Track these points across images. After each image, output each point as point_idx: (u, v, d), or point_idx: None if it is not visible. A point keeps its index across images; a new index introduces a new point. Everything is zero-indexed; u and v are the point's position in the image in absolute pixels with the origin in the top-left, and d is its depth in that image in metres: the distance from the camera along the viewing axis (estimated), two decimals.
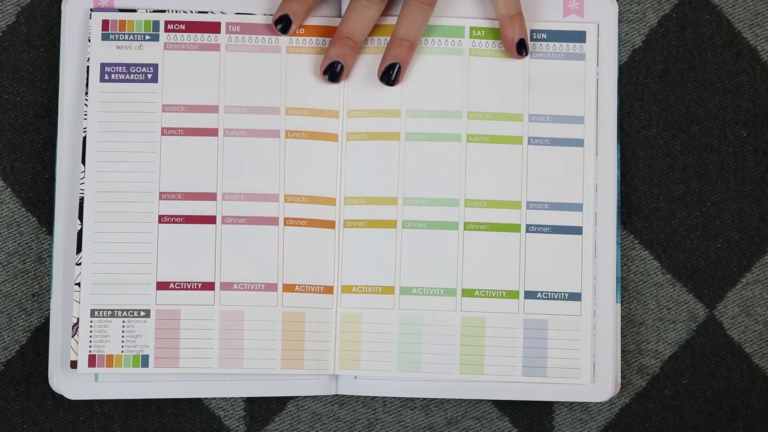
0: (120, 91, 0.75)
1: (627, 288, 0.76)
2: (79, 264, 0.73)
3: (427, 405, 0.77)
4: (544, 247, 0.74)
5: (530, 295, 0.74)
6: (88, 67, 0.75)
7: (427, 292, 0.74)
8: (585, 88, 0.74)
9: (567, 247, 0.74)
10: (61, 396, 0.75)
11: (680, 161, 0.76)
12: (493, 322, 0.74)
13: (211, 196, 0.74)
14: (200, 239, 0.74)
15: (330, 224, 0.75)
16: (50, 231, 0.77)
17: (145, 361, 0.73)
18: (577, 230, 0.74)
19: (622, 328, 0.76)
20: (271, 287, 0.74)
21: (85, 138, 0.74)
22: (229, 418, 0.77)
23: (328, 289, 0.74)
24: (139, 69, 0.75)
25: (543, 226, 0.74)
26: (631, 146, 0.76)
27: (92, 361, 0.73)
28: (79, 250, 0.74)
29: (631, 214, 0.76)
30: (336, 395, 0.76)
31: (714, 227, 0.76)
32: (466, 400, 0.76)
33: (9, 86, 0.78)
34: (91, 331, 0.73)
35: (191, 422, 0.77)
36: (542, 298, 0.74)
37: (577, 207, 0.74)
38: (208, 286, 0.73)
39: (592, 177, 0.74)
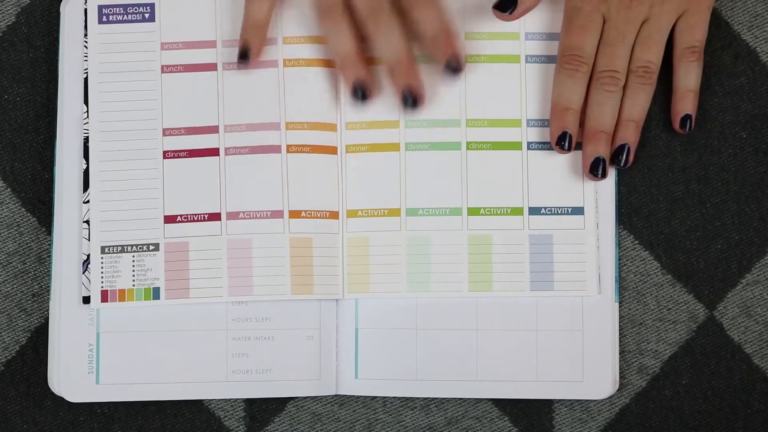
0: (118, 32, 0.75)
1: (627, 288, 0.76)
2: (87, 202, 0.74)
3: (427, 405, 0.77)
4: (546, 163, 0.75)
5: (534, 211, 0.74)
6: (85, 9, 0.75)
7: (433, 213, 0.75)
8: None
9: (569, 162, 0.75)
10: (62, 396, 0.75)
11: (680, 162, 0.76)
12: (500, 239, 0.74)
13: (213, 129, 0.75)
14: (205, 171, 0.74)
15: (332, 150, 0.75)
16: (50, 231, 0.77)
17: (156, 294, 0.74)
18: (578, 146, 0.74)
19: (622, 328, 0.76)
20: (277, 214, 0.74)
21: (86, 79, 0.75)
22: (229, 418, 0.77)
23: (334, 214, 0.75)
24: (136, 9, 0.75)
25: (545, 142, 0.75)
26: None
27: (105, 296, 0.74)
28: (86, 188, 0.74)
29: (631, 215, 0.76)
30: (336, 395, 0.76)
31: (714, 228, 0.76)
32: (466, 399, 0.76)
33: (9, 86, 0.77)
34: (102, 268, 0.74)
35: (191, 422, 0.77)
36: (546, 214, 0.74)
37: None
38: (215, 216, 0.74)
39: None
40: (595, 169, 0.74)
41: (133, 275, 0.74)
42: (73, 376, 0.74)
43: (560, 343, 0.74)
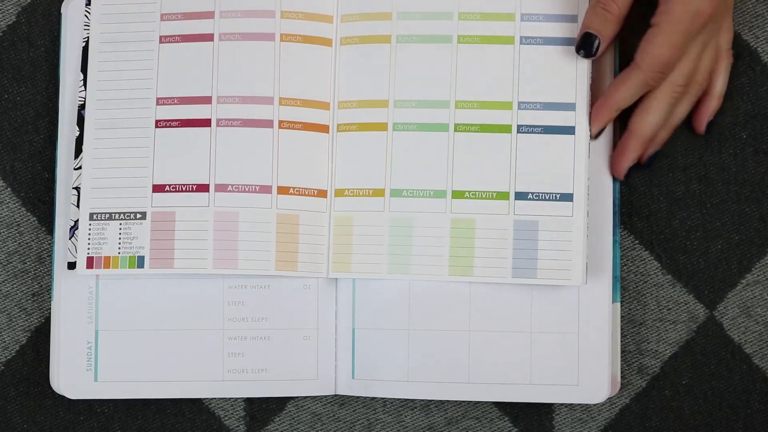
0: (121, 2, 0.75)
1: (627, 288, 0.76)
2: (78, 168, 0.74)
3: (427, 405, 0.77)
4: (536, 148, 0.73)
5: (521, 196, 0.73)
6: None
7: (417, 194, 0.74)
8: (577, 75, 0.74)
9: (559, 147, 0.73)
10: (61, 396, 0.75)
11: (680, 162, 0.76)
12: (483, 223, 0.73)
13: (206, 100, 0.74)
14: (195, 142, 0.74)
15: (324, 128, 0.75)
16: (50, 231, 0.77)
17: (140, 262, 0.73)
18: (569, 130, 0.73)
19: (622, 328, 0.76)
20: (265, 189, 0.74)
21: (85, 47, 0.75)
22: (229, 418, 0.77)
23: (322, 193, 0.75)
24: None
25: (535, 125, 0.73)
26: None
27: (90, 262, 0.74)
28: (77, 155, 0.75)
29: (631, 215, 0.76)
30: (336, 395, 0.76)
31: (714, 228, 0.76)
32: (465, 400, 0.76)
33: (9, 86, 0.77)
34: (89, 234, 0.74)
35: (191, 422, 0.77)
36: (533, 199, 0.73)
37: (570, 107, 0.73)
38: (203, 187, 0.74)
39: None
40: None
41: (119, 243, 0.74)
42: (72, 374, 0.74)
43: (555, 345, 0.74)
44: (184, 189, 0.74)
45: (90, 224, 0.74)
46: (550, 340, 0.74)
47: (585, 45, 0.72)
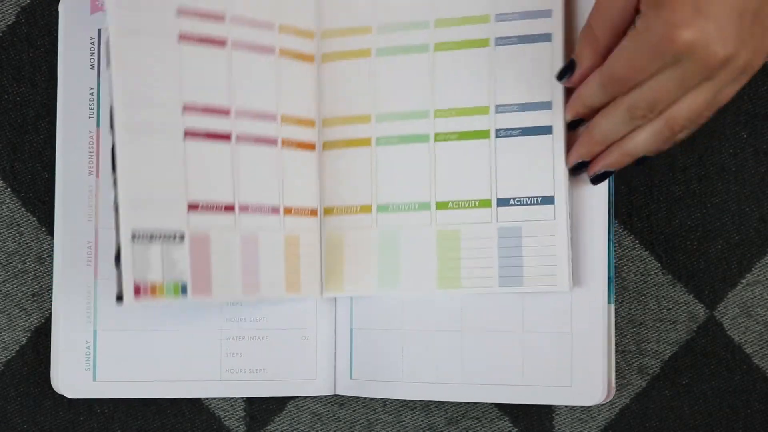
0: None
1: (627, 288, 0.76)
2: (115, 183, 0.66)
3: (427, 405, 0.77)
4: (515, 151, 0.72)
5: (502, 202, 0.72)
6: None
7: (402, 208, 0.73)
8: (552, 72, 0.71)
9: (537, 148, 0.71)
10: (61, 396, 0.75)
11: (680, 162, 0.76)
12: (468, 233, 0.72)
13: (225, 112, 0.70)
14: (219, 157, 0.70)
15: (311, 146, 0.74)
16: (50, 231, 0.77)
17: (183, 290, 0.68)
18: (546, 129, 0.71)
19: (622, 328, 0.76)
20: (275, 211, 0.73)
21: (97, 46, 0.72)
22: (229, 418, 0.77)
23: (314, 212, 0.74)
24: None
25: (513, 128, 0.72)
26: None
27: (137, 290, 0.66)
28: (114, 167, 0.67)
29: (631, 214, 0.76)
30: (335, 395, 0.76)
31: (714, 228, 0.76)
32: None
33: (9, 86, 0.77)
34: (133, 258, 0.66)
35: (191, 422, 0.77)
36: (515, 204, 0.72)
37: (546, 105, 0.72)
38: (230, 208, 0.70)
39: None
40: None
41: (163, 268, 0.68)
42: (71, 373, 0.74)
43: (548, 346, 0.72)
44: (214, 208, 0.70)
45: (133, 246, 0.66)
46: (543, 341, 0.72)
47: (565, 71, 0.69)
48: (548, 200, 0.71)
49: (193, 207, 0.69)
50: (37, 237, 0.77)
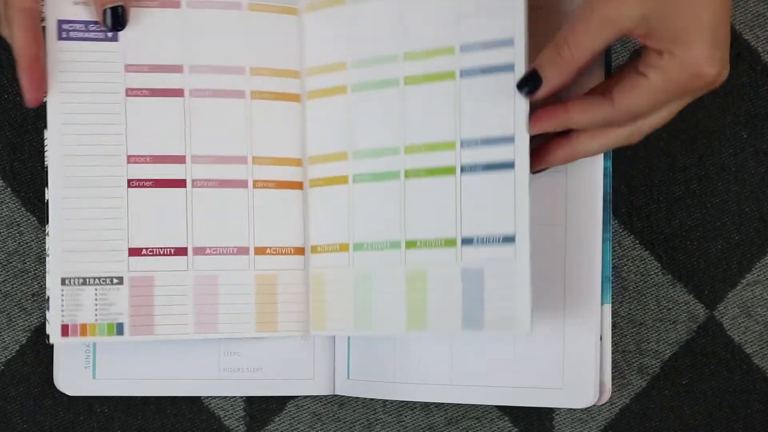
0: (79, 50, 0.71)
1: (627, 288, 0.76)
2: (48, 235, 0.71)
3: (427, 405, 0.77)
4: (479, 187, 0.69)
5: (466, 241, 0.69)
6: (43, 27, 0.71)
7: (375, 247, 0.72)
8: (515, 106, 0.69)
9: (499, 184, 0.69)
10: (61, 395, 0.75)
11: (680, 162, 0.76)
12: (434, 274, 0.70)
13: (180, 159, 0.72)
14: (171, 203, 0.72)
15: (297, 185, 0.74)
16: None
17: (120, 329, 0.71)
18: (509, 165, 0.68)
19: (622, 328, 0.76)
20: (243, 251, 0.73)
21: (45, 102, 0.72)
22: (229, 418, 0.77)
23: (299, 250, 0.74)
24: (98, 26, 0.71)
25: (478, 164, 0.69)
26: (631, 146, 0.76)
27: (65, 330, 0.71)
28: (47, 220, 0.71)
29: (631, 214, 0.76)
30: (335, 395, 0.76)
31: (714, 228, 0.76)
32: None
33: (9, 86, 0.78)
34: (62, 300, 0.71)
35: (191, 422, 0.77)
36: (478, 244, 0.69)
37: (509, 140, 0.68)
38: (181, 251, 0.72)
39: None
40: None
41: (96, 309, 0.71)
42: (70, 371, 0.74)
43: (540, 348, 0.72)
44: (162, 253, 0.72)
45: (63, 289, 0.70)
46: (535, 343, 0.72)
47: (526, 81, 0.67)
48: (509, 239, 0.68)
49: (135, 252, 0.71)
50: (37, 237, 0.77)
